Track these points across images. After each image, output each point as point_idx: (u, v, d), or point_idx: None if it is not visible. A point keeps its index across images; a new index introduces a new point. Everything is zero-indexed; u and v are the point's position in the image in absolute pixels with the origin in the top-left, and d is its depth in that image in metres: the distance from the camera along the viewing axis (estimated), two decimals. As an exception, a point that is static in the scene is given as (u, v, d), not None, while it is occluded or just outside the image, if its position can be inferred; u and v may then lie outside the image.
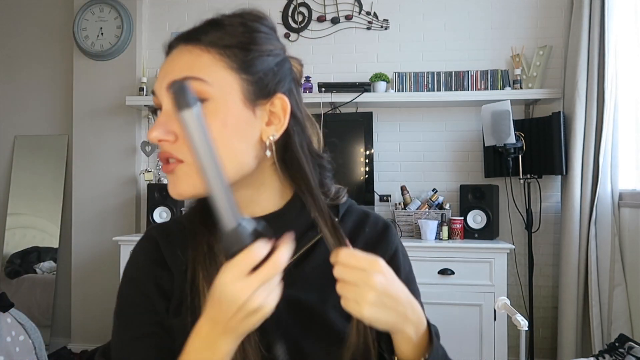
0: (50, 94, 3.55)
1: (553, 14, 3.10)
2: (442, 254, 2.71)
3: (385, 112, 3.22)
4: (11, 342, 2.44)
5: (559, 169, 2.77)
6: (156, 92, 0.67)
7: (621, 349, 2.16)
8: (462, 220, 2.88)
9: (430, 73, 3.11)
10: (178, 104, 0.53)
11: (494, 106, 2.79)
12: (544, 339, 3.00)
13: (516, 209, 3.02)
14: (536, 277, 2.95)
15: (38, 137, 3.55)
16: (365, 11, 3.24)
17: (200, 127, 0.53)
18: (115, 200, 3.33)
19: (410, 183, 3.14)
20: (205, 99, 0.62)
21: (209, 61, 0.64)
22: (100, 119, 3.35)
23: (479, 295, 2.66)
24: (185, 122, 0.53)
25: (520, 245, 3.01)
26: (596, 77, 2.72)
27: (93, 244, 3.29)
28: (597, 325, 2.65)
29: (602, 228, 2.68)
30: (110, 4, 3.32)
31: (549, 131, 2.79)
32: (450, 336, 2.64)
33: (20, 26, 3.60)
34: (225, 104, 0.63)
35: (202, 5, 3.33)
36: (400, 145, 3.22)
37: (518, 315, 1.79)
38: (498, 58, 3.14)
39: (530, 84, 3.03)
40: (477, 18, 3.16)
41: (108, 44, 3.33)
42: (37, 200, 3.49)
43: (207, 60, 0.64)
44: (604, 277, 2.65)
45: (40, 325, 2.93)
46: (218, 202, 0.54)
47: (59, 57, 3.53)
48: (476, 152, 3.13)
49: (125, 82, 3.34)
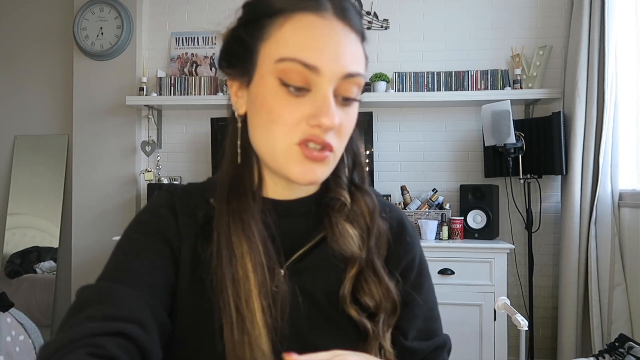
0: (50, 94, 3.55)
1: (553, 14, 3.10)
2: (442, 254, 2.71)
3: (385, 112, 3.22)
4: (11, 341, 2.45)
5: (559, 169, 2.77)
6: (322, 70, 0.60)
7: (621, 349, 2.16)
8: (462, 220, 2.88)
9: (430, 73, 3.11)
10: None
11: (494, 106, 2.79)
12: (544, 339, 3.00)
13: (516, 209, 3.02)
14: (536, 277, 2.95)
15: (38, 137, 3.55)
16: (365, 11, 3.24)
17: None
18: (115, 200, 3.33)
19: (410, 183, 3.14)
20: (358, 94, 0.65)
21: (362, 55, 0.65)
22: (100, 119, 3.35)
23: (479, 295, 2.66)
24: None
25: (520, 245, 3.01)
26: (596, 77, 2.72)
27: (93, 244, 3.28)
28: (597, 325, 2.64)
29: (602, 228, 2.68)
30: (110, 4, 3.32)
31: (549, 131, 2.79)
32: (450, 336, 2.64)
33: (20, 26, 3.60)
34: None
35: (202, 5, 3.33)
36: (400, 145, 3.22)
37: (518, 315, 1.80)
38: (498, 58, 3.14)
39: (530, 84, 3.03)
40: (477, 18, 3.16)
41: (108, 44, 3.33)
42: (37, 200, 3.49)
43: (362, 55, 0.65)
44: (604, 277, 2.65)
45: (40, 325, 2.93)
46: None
47: (59, 57, 3.54)
48: (476, 152, 3.13)
49: (125, 82, 3.34)
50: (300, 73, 0.61)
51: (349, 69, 0.62)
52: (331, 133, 0.62)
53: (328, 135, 0.62)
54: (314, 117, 0.61)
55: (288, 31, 0.61)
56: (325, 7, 0.62)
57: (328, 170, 0.65)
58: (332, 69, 0.61)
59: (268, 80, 0.62)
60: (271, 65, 0.62)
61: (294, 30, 0.61)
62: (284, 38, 0.61)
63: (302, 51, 0.60)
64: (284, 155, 0.63)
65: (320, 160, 0.63)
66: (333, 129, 0.62)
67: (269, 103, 0.62)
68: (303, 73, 0.60)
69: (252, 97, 0.65)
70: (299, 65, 0.60)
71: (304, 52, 0.60)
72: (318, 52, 0.60)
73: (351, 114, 0.65)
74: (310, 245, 0.68)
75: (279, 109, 0.62)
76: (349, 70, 0.62)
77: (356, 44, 0.64)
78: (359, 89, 0.65)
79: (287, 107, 0.62)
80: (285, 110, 0.61)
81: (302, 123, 0.61)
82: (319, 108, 0.61)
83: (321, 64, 0.60)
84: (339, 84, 0.62)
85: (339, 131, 0.64)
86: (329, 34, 0.61)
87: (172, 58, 3.38)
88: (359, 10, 0.66)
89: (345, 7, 0.63)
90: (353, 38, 0.63)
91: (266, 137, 0.64)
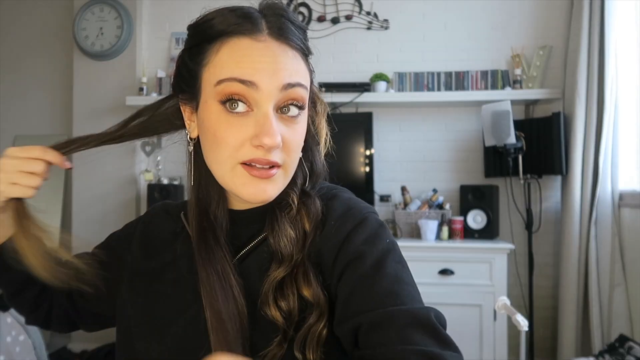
0: (50, 94, 3.55)
1: (553, 14, 3.10)
2: (442, 254, 2.71)
3: (385, 112, 3.22)
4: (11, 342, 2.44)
5: (559, 169, 2.77)
6: (259, 85, 0.62)
7: (621, 349, 2.16)
8: (462, 221, 2.88)
9: (430, 73, 3.11)
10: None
11: (494, 106, 2.79)
12: (544, 339, 3.00)
13: (516, 209, 3.02)
14: (536, 277, 2.95)
15: (38, 137, 3.54)
16: (366, 11, 3.24)
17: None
18: (115, 200, 3.33)
19: (410, 183, 3.14)
20: (303, 107, 0.67)
21: (304, 68, 0.67)
22: (100, 119, 3.35)
23: (479, 295, 2.66)
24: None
25: (520, 245, 3.01)
26: (596, 77, 2.72)
27: (93, 245, 3.27)
28: (597, 325, 2.65)
29: (602, 228, 2.68)
30: (110, 4, 3.32)
31: (549, 131, 2.79)
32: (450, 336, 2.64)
33: (20, 26, 3.60)
34: (306, 111, 0.68)
35: (202, 5, 3.32)
36: (400, 145, 3.22)
37: (518, 315, 1.79)
38: (498, 58, 3.14)
39: (531, 84, 3.03)
40: (477, 18, 3.16)
41: (108, 44, 3.33)
42: (37, 201, 3.48)
43: (302, 68, 0.67)
44: (604, 277, 2.65)
45: (40, 325, 2.93)
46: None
47: (59, 57, 3.53)
48: (476, 152, 3.13)
49: (125, 82, 3.34)
50: (239, 92, 0.62)
51: (287, 80, 0.63)
52: (276, 151, 0.63)
53: (273, 154, 0.63)
54: (256, 137, 0.62)
55: (224, 55, 0.64)
56: (260, 29, 0.64)
57: (279, 186, 0.67)
58: (269, 81, 0.62)
59: (211, 104, 0.65)
60: (212, 89, 0.64)
61: (230, 53, 0.63)
62: (221, 62, 0.64)
63: (238, 70, 0.62)
64: (232, 176, 0.65)
65: (268, 178, 0.64)
66: (276, 148, 0.63)
67: (213, 127, 0.64)
68: (242, 91, 0.62)
69: (200, 122, 0.67)
70: (236, 83, 0.62)
71: (240, 71, 0.62)
72: (253, 69, 0.62)
73: (297, 128, 0.67)
74: (252, 245, 0.70)
75: (222, 132, 0.63)
76: (288, 80, 0.63)
77: (294, 59, 0.65)
78: (303, 101, 0.66)
79: (229, 129, 0.63)
80: (228, 133, 0.63)
81: (245, 144, 0.63)
82: (261, 127, 0.62)
83: (258, 78, 0.62)
84: (280, 98, 0.64)
85: (285, 147, 0.64)
86: (264, 53, 0.63)
87: (172, 58, 3.38)
88: (300, 25, 0.68)
89: (282, 27, 0.65)
90: (291, 54, 0.65)
91: (214, 159, 0.66)
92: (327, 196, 0.72)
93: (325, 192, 0.73)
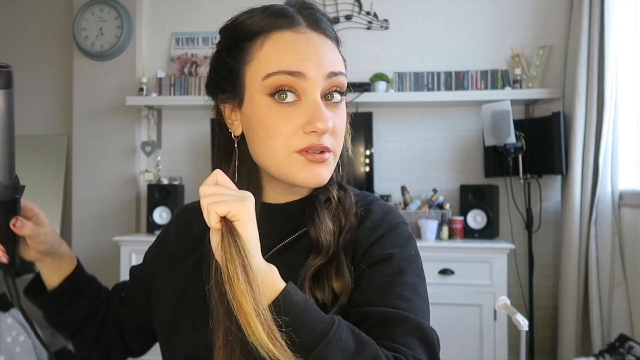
0: (50, 94, 3.55)
1: (553, 14, 3.10)
2: (442, 254, 2.71)
3: (385, 112, 3.22)
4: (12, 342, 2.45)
5: (559, 168, 2.77)
6: (307, 74, 0.65)
7: (621, 349, 2.16)
8: (462, 220, 2.88)
9: (430, 73, 3.11)
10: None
11: (494, 106, 2.79)
12: (544, 339, 3.00)
13: (516, 209, 3.02)
14: (536, 277, 2.95)
15: (38, 137, 3.54)
16: (365, 11, 3.24)
17: None
18: (115, 201, 3.33)
19: (410, 183, 3.14)
20: (344, 94, 0.70)
21: (340, 57, 0.71)
22: (100, 119, 3.35)
23: (479, 295, 2.66)
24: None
25: (520, 245, 3.01)
26: (596, 77, 2.72)
27: (93, 244, 3.28)
28: (597, 325, 2.65)
29: (602, 228, 2.68)
30: (110, 4, 3.32)
31: (549, 131, 2.79)
32: (450, 336, 2.65)
33: (20, 26, 3.60)
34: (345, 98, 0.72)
35: (202, 5, 3.33)
36: (400, 145, 3.22)
37: (518, 315, 1.80)
38: (498, 58, 3.14)
39: (530, 83, 3.03)
40: (477, 18, 3.16)
41: (108, 44, 3.33)
42: (37, 200, 3.42)
43: (340, 58, 0.71)
44: (604, 277, 2.65)
45: (41, 326, 2.93)
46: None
47: (59, 57, 3.53)
48: (476, 152, 3.13)
49: (125, 82, 3.34)
50: (287, 83, 0.65)
51: (331, 68, 0.67)
52: (327, 135, 0.66)
53: (324, 138, 0.66)
54: (308, 123, 0.65)
55: (269, 50, 0.66)
56: (299, 22, 0.67)
57: (330, 170, 0.70)
58: (316, 71, 0.65)
59: (259, 98, 0.66)
60: (259, 84, 0.66)
61: (274, 47, 0.66)
62: (266, 56, 0.66)
63: (285, 62, 0.65)
64: (287, 164, 0.67)
65: (322, 162, 0.67)
66: (328, 132, 0.66)
67: (264, 119, 0.66)
68: (290, 82, 0.65)
69: (247, 117, 0.69)
70: (284, 75, 0.65)
71: (287, 63, 0.65)
72: (300, 60, 0.65)
73: (341, 114, 0.70)
74: (290, 240, 0.72)
75: (274, 123, 0.66)
76: (332, 69, 0.67)
77: (333, 49, 0.70)
78: (343, 88, 0.70)
79: (281, 119, 0.65)
80: (281, 123, 0.65)
81: (298, 132, 0.66)
82: (312, 114, 0.65)
83: (305, 69, 0.65)
84: (325, 86, 0.67)
85: (334, 132, 0.68)
86: (307, 44, 0.66)
87: (172, 58, 3.38)
88: (330, 19, 0.72)
89: (317, 18, 0.69)
90: (329, 44, 0.69)
91: (267, 151, 0.68)
92: (366, 201, 0.76)
93: (363, 196, 0.78)
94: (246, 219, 0.57)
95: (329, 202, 0.73)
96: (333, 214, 0.72)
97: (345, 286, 0.67)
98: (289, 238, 0.72)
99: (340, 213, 0.72)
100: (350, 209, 0.73)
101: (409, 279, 0.66)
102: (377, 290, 0.65)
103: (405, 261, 0.68)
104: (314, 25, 0.68)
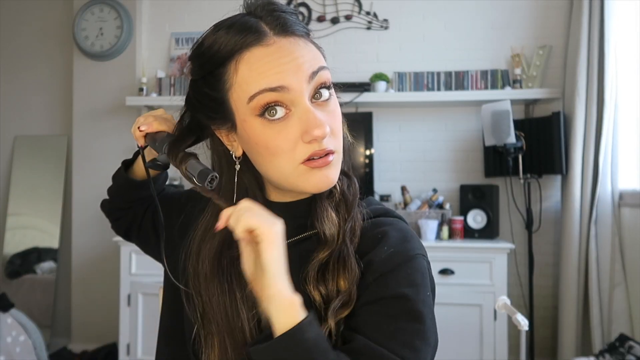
0: (50, 94, 3.55)
1: (553, 13, 3.10)
2: (442, 254, 2.71)
3: (385, 112, 3.22)
4: (12, 342, 2.45)
5: (559, 168, 2.77)
6: (289, 86, 0.64)
7: (621, 349, 2.16)
8: (462, 220, 2.88)
9: (430, 73, 3.11)
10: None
11: (494, 106, 2.79)
12: (544, 339, 3.00)
13: (516, 209, 3.02)
14: (536, 276, 2.95)
15: (38, 137, 3.54)
16: (365, 11, 3.24)
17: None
18: (115, 201, 3.33)
19: (410, 183, 3.14)
20: (330, 87, 0.69)
21: (316, 51, 0.69)
22: (100, 119, 3.35)
23: (479, 295, 2.66)
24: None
25: (520, 245, 3.01)
26: (596, 77, 2.72)
27: (93, 245, 3.28)
28: (597, 325, 2.65)
29: (602, 228, 2.68)
30: (110, 4, 3.32)
31: (549, 131, 2.79)
32: (450, 336, 2.65)
33: (20, 26, 3.60)
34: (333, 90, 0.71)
35: (202, 5, 3.33)
36: (400, 145, 3.22)
37: (518, 315, 1.80)
38: (498, 58, 3.14)
39: (530, 83, 3.03)
40: (477, 18, 3.16)
41: (108, 44, 3.33)
42: (37, 201, 3.49)
43: (316, 51, 0.69)
44: (604, 277, 2.65)
45: (41, 326, 2.93)
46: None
47: (59, 57, 3.53)
48: (476, 152, 3.13)
49: (125, 82, 3.34)
50: (273, 99, 0.64)
51: (311, 69, 0.66)
52: (327, 138, 0.66)
53: (325, 142, 0.65)
54: (306, 133, 0.64)
55: (244, 72, 0.65)
56: (265, 33, 0.65)
57: (337, 169, 0.70)
58: (297, 79, 0.65)
59: (250, 122, 0.66)
60: (246, 108, 0.65)
61: (249, 68, 0.65)
62: (244, 79, 0.65)
63: (264, 80, 0.64)
64: (296, 176, 0.67)
65: (327, 164, 0.67)
66: (327, 136, 0.65)
67: (263, 141, 0.66)
68: (275, 97, 0.64)
69: (245, 140, 0.69)
70: (267, 93, 0.64)
71: (265, 81, 0.64)
72: (277, 74, 0.64)
73: (333, 109, 0.69)
74: (297, 239, 0.71)
75: (274, 142, 0.65)
76: (311, 69, 0.66)
77: (307, 46, 0.68)
78: (329, 82, 0.68)
79: (279, 137, 0.65)
80: (279, 140, 0.65)
81: (299, 143, 0.65)
82: (307, 123, 0.64)
83: (285, 81, 0.64)
84: (311, 88, 0.66)
85: (332, 132, 0.67)
86: (280, 55, 0.64)
87: (171, 58, 3.38)
88: (291, 10, 0.70)
89: (282, 21, 0.67)
90: (302, 43, 0.67)
91: (273, 168, 0.68)
92: (387, 222, 0.73)
93: (382, 212, 0.75)
94: (269, 242, 0.58)
95: (332, 194, 0.73)
96: (336, 204, 0.72)
97: (352, 278, 0.66)
98: (294, 236, 0.71)
99: (343, 203, 0.72)
100: (354, 198, 0.73)
101: (422, 327, 0.65)
102: (387, 334, 0.63)
103: (422, 304, 0.66)
104: (281, 31, 0.66)
